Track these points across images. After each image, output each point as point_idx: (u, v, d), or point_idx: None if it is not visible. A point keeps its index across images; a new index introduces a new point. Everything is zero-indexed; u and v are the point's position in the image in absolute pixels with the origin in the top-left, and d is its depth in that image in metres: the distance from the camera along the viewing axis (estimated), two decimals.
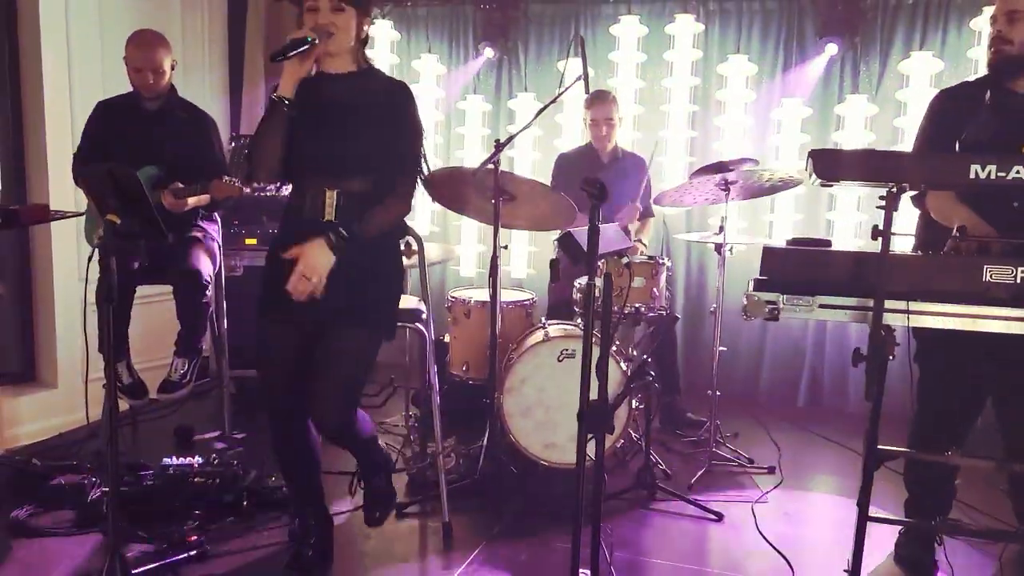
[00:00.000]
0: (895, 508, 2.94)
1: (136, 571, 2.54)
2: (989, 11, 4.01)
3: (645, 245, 4.22)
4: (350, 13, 2.37)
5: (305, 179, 2.46)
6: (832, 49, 4.40)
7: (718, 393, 3.75)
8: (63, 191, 3.97)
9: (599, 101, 4.15)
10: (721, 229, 3.63)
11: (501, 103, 5.12)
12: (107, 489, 2.83)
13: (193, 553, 2.75)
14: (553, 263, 2.55)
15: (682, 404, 4.25)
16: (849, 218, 4.50)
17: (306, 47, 2.28)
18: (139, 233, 2.51)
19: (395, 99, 2.46)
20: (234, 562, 2.79)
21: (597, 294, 2.24)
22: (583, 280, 3.83)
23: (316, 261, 2.31)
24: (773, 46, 4.67)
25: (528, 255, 5.11)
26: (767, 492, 3.48)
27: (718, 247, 3.65)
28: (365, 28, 2.47)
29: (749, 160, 3.54)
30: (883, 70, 4.48)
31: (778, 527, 3.15)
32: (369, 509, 2.76)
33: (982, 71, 4.00)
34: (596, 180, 2.07)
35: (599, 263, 2.31)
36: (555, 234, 4.18)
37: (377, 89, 2.46)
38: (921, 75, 4.28)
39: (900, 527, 2.93)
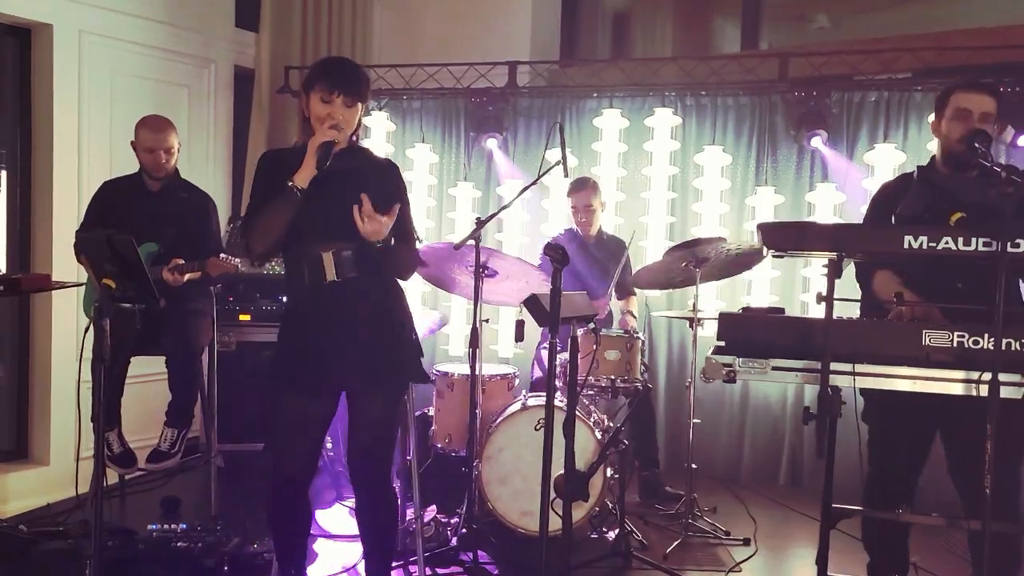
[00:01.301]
0: None
1: None
2: None
3: (635, 317, 4.38)
4: (358, 108, 2.55)
5: (299, 247, 2.55)
6: (817, 141, 4.63)
7: (695, 466, 3.84)
8: (66, 266, 4.14)
9: (579, 188, 4.38)
10: (693, 307, 3.79)
11: (490, 190, 5.37)
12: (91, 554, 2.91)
13: None
14: (519, 324, 2.70)
15: (661, 478, 4.32)
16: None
17: (334, 148, 2.46)
18: (133, 297, 2.66)
19: (385, 172, 2.65)
20: None
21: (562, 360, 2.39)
22: (563, 355, 3.98)
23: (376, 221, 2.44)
24: (747, 138, 4.93)
25: (513, 334, 5.25)
26: (741, 562, 3.53)
27: (691, 322, 3.80)
28: (361, 115, 2.62)
29: (718, 238, 3.73)
30: (850, 161, 4.72)
31: None
32: None
33: None
34: (558, 246, 2.24)
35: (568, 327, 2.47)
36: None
37: (367, 162, 2.64)
38: (885, 166, 4.52)
39: None
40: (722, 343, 2.47)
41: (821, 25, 6.93)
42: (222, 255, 3.51)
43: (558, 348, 2.35)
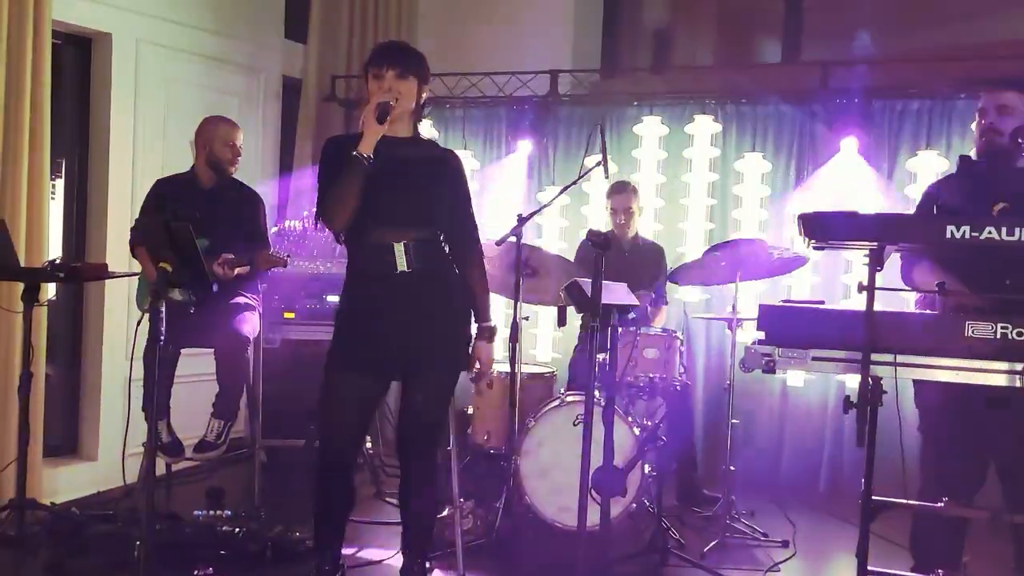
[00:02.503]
0: None
1: None
2: None
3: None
4: (412, 82, 2.64)
5: (370, 232, 2.63)
6: (853, 143, 4.62)
7: (733, 468, 3.84)
8: (119, 258, 4.26)
9: (620, 191, 4.42)
10: (733, 308, 3.81)
11: (531, 196, 5.43)
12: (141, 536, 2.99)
13: None
14: (561, 310, 2.76)
15: (699, 480, 4.32)
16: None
17: (391, 109, 2.55)
18: (187, 283, 2.76)
19: (451, 163, 2.76)
20: None
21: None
22: (601, 356, 4.00)
23: (489, 356, 2.80)
24: (787, 146, 4.94)
25: (552, 339, 5.30)
26: (779, 563, 3.51)
27: (729, 323, 3.81)
28: (424, 95, 2.73)
29: (758, 240, 3.75)
30: (892, 168, 4.71)
31: None
32: None
33: None
34: (600, 232, 2.29)
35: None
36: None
37: (433, 152, 2.77)
38: (928, 172, 4.50)
39: None
40: (762, 334, 2.49)
41: (863, 44, 6.91)
42: (273, 249, 3.61)
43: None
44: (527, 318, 3.65)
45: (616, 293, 2.57)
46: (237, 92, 5.22)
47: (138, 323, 3.42)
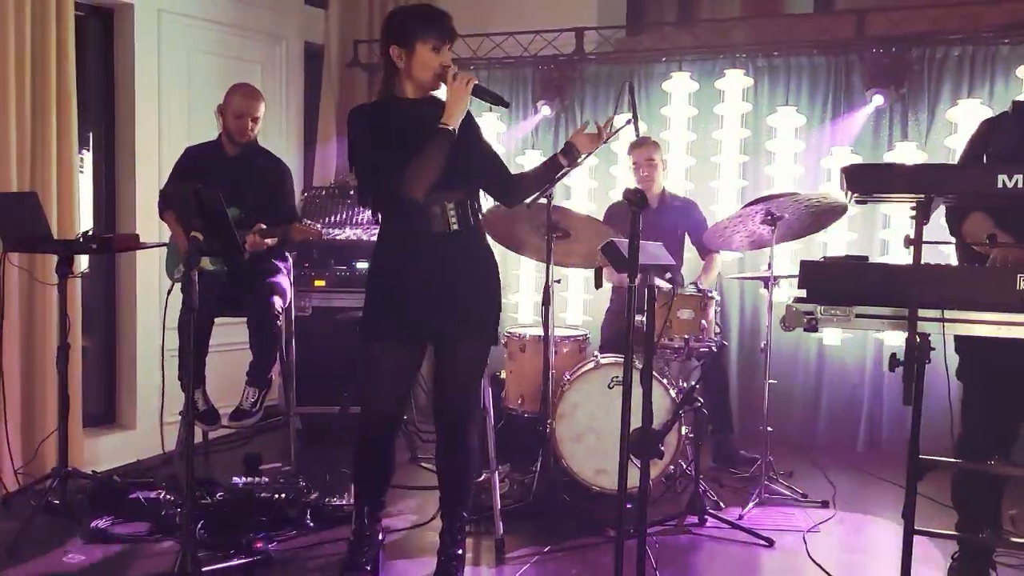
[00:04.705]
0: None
1: (206, 569, 2.70)
2: None
3: (708, 276, 4.30)
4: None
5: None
6: (878, 100, 4.51)
7: (770, 429, 3.80)
8: (149, 236, 4.28)
9: (640, 144, 4.31)
10: (769, 266, 3.73)
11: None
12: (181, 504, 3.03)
13: (258, 558, 2.92)
14: (597, 271, 2.71)
15: (735, 442, 4.28)
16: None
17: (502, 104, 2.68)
18: (218, 251, 2.75)
19: (474, 122, 2.78)
20: (296, 570, 2.95)
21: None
22: (640, 317, 3.95)
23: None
24: (821, 98, 4.81)
25: (583, 303, 5.26)
26: (820, 524, 3.48)
27: (765, 282, 3.74)
28: None
29: (792, 193, 3.66)
30: (931, 119, 4.57)
31: (831, 555, 3.16)
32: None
33: None
34: (637, 190, 2.23)
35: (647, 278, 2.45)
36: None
37: (468, 116, 2.73)
38: (969, 122, 4.35)
39: (954, 553, 2.91)
40: (803, 292, 2.43)
41: None
42: (305, 220, 3.59)
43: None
44: (558, 281, 3.60)
45: (654, 254, 2.52)
46: (259, 60, 5.18)
47: (168, 292, 3.47)
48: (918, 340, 2.25)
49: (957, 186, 2.27)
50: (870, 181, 2.32)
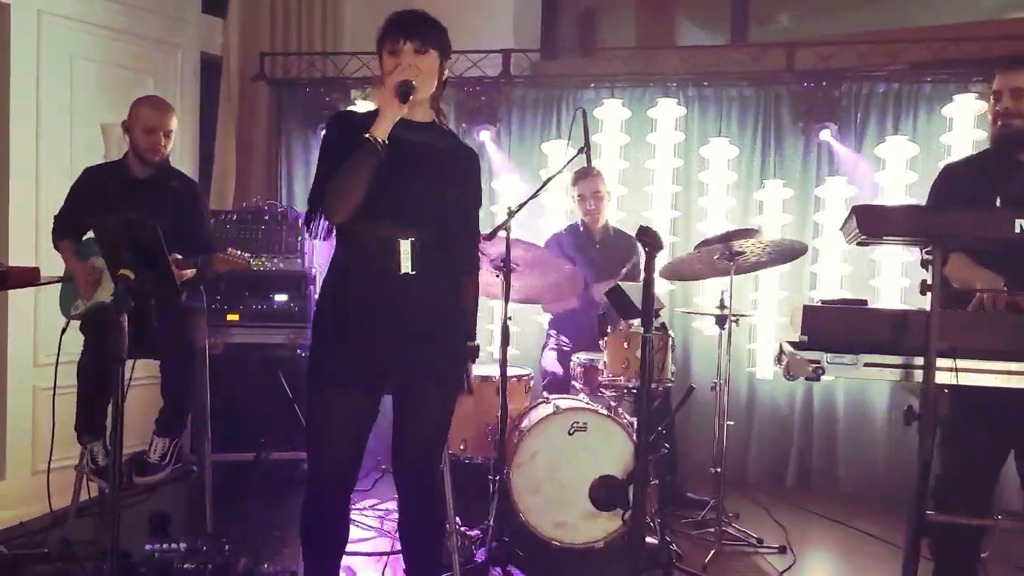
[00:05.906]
0: None
1: None
2: (961, 98, 4.26)
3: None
4: (433, 56, 2.28)
5: (372, 225, 2.28)
6: (827, 134, 4.52)
7: (718, 471, 3.68)
8: (22, 258, 3.77)
9: (586, 175, 4.14)
10: (722, 304, 3.62)
11: (486, 184, 5.12)
12: None
13: None
14: (601, 318, 2.49)
15: (681, 483, 4.14)
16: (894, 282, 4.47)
17: (413, 88, 2.18)
18: (152, 291, 2.35)
19: (470, 164, 2.43)
20: None
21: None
22: (580, 355, 3.77)
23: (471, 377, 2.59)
24: (751, 130, 4.79)
25: (512, 335, 5.00)
26: (783, 572, 3.36)
27: (720, 320, 3.63)
28: (445, 73, 2.38)
29: (753, 230, 3.57)
30: (859, 153, 4.63)
31: None
32: None
33: (956, 155, 4.19)
34: (650, 230, 2.03)
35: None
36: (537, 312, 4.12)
37: (455, 148, 2.42)
38: (897, 159, 4.43)
39: None
40: (804, 337, 2.29)
41: (783, 26, 6.84)
42: (229, 250, 3.20)
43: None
44: (510, 318, 3.35)
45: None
46: (152, 70, 4.71)
47: (62, 331, 3.01)
48: (935, 391, 2.15)
49: (974, 230, 2.19)
50: (883, 224, 2.22)
